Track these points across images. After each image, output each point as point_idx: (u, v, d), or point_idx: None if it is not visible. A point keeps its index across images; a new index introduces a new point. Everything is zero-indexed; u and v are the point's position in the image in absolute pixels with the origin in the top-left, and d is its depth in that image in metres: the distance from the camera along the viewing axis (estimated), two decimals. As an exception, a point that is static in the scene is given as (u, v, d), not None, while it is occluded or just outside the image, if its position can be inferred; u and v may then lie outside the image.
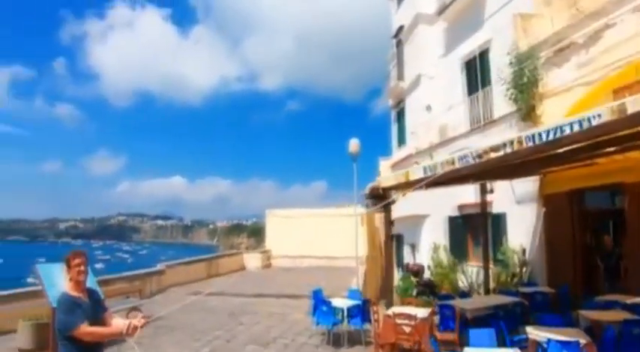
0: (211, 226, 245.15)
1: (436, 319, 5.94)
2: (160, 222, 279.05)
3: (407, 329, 5.11)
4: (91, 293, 2.74)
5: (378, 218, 20.59)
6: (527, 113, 8.91)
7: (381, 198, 5.96)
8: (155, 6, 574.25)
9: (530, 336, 4.60)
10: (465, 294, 7.66)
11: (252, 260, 17.43)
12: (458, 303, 5.88)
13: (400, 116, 15.47)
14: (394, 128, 16.32)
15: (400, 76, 15.00)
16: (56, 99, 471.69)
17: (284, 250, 18.56)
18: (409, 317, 5.08)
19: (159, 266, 11.20)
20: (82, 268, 2.62)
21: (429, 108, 12.72)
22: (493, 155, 3.96)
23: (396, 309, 5.40)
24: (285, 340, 6.47)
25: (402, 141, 15.25)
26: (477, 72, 11.14)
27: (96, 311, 2.64)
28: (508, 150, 3.83)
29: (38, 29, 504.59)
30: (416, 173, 4.81)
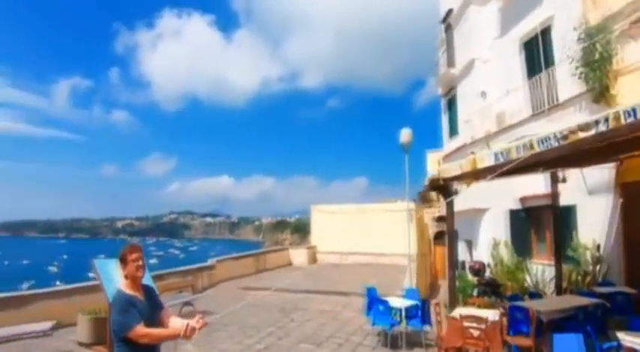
0: (257, 223, 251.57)
1: (503, 321, 5.40)
2: (208, 220, 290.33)
3: (475, 333, 4.66)
4: (147, 291, 2.56)
5: (427, 214, 19.87)
6: (600, 93, 8.00)
7: (441, 189, 5.49)
8: (200, 13, 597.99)
9: (626, 343, 4.00)
10: (534, 295, 6.99)
11: (298, 256, 17.35)
12: (531, 305, 5.31)
13: (451, 105, 14.68)
14: (444, 118, 15.54)
15: (450, 63, 14.20)
16: (112, 107, 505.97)
17: (329, 246, 18.32)
18: (479, 319, 4.62)
19: (209, 262, 11.34)
20: (140, 263, 2.45)
21: (483, 94, 11.90)
22: (582, 135, 3.41)
23: (464, 311, 4.94)
24: (339, 339, 6.19)
25: (453, 131, 14.47)
26: (537, 52, 10.21)
27: (152, 309, 2.47)
28: (602, 128, 3.27)
29: (94, 42, 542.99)
30: (485, 160, 4.31)
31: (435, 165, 18.83)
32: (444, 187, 5.35)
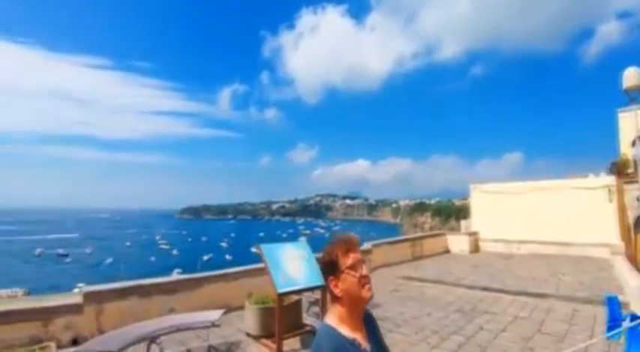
0: (394, 205, 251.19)
1: None
2: (348, 202, 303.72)
3: None
4: (370, 325, 1.38)
5: (628, 191, 15.30)
6: None
7: None
8: (333, 5, 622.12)
9: None
10: None
11: (457, 242, 15.32)
12: None
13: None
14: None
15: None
16: (264, 106, 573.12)
17: (495, 233, 15.72)
18: None
19: (365, 246, 10.42)
20: (364, 271, 1.29)
21: None
22: None
23: None
24: (567, 367, 4.40)
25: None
26: None
27: None
28: None
29: (247, 51, 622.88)
30: None
31: (631, 128, 14.24)
32: None
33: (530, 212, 14.86)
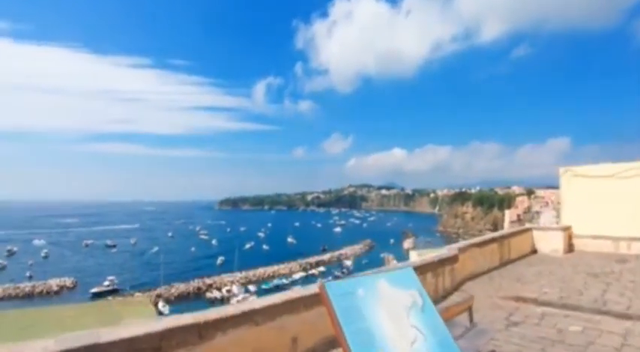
0: (432, 195, 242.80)
1: None
2: (384, 192, 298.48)
3: None
4: None
5: None
6: None
7: None
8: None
9: None
10: None
11: (548, 240, 12.08)
12: None
13: None
14: None
15: None
16: (298, 98, 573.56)
17: (593, 227, 12.38)
18: None
19: (447, 250, 7.43)
20: None
21: None
22: None
23: None
24: None
25: None
26: None
27: None
28: None
29: (280, 43, 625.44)
30: None
31: None
32: None
33: (649, 201, 11.38)
